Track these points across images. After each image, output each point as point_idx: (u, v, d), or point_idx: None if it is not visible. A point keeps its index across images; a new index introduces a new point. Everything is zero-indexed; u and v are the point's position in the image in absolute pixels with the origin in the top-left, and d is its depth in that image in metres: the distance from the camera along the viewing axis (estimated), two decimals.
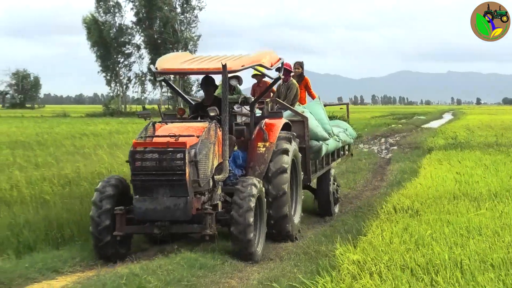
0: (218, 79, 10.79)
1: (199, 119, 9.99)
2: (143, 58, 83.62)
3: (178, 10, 72.74)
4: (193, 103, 11.33)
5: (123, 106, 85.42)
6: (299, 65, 13.76)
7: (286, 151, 10.01)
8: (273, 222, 9.72)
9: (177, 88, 10.75)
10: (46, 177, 13.60)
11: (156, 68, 9.78)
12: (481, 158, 20.02)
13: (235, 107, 10.65)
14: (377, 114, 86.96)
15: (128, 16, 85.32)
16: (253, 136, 10.19)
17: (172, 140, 8.39)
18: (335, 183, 12.85)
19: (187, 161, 8.17)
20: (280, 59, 10.69)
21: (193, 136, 8.61)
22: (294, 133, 10.73)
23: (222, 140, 9.03)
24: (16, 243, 9.74)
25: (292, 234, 10.10)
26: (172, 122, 9.66)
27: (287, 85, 12.63)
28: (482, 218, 10.04)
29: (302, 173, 11.15)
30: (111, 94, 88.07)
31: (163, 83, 10.48)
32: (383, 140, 36.98)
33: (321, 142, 11.57)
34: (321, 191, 12.52)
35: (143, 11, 74.26)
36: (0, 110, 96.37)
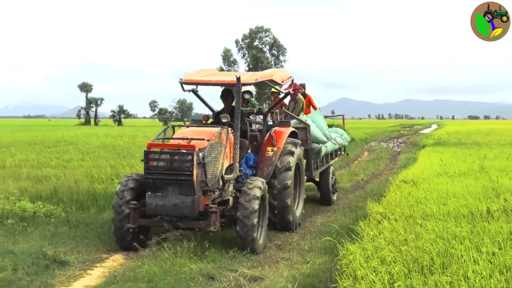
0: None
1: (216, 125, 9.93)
2: None
3: (272, 63, 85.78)
4: (215, 111, 11.45)
5: None
6: (302, 86, 14.58)
7: (291, 153, 10.24)
8: (277, 211, 9.80)
9: (203, 99, 11.11)
10: None
11: (181, 79, 9.94)
12: (455, 151, 25.00)
13: (251, 116, 10.78)
14: (392, 125, 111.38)
15: (241, 68, 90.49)
16: (264, 141, 10.31)
17: (183, 142, 8.41)
18: (334, 177, 13.63)
19: (195, 162, 8.12)
20: (291, 77, 11.01)
21: (203, 139, 8.53)
22: (299, 141, 11.02)
23: (233, 144, 9.16)
24: None
25: (293, 224, 10.18)
26: (189, 127, 9.78)
27: (295, 100, 13.57)
28: (456, 187, 12.69)
29: (305, 177, 11.52)
30: None
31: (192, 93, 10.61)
32: (395, 140, 47.66)
33: (320, 144, 12.28)
34: (322, 184, 13.33)
35: (251, 66, 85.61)
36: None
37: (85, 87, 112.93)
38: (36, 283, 7.43)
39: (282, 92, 11.05)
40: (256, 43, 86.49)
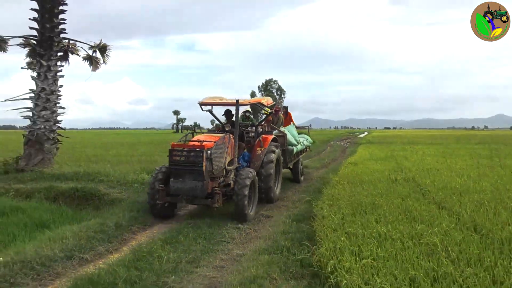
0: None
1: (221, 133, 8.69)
2: None
3: (277, 98, 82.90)
4: (223, 123, 10.17)
5: None
6: (285, 108, 13.53)
7: (273, 151, 9.22)
8: (263, 190, 8.67)
9: (216, 116, 9.99)
10: None
11: (199, 102, 8.90)
12: (377, 146, 25.56)
13: (248, 128, 9.77)
14: (342, 132, 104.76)
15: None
16: (255, 144, 9.21)
17: (197, 143, 7.45)
18: (301, 166, 12.48)
19: (204, 158, 7.15)
20: (274, 102, 10.14)
21: (211, 142, 7.54)
22: (279, 144, 10.00)
23: (233, 145, 8.12)
24: None
25: (274, 199, 9.02)
26: (203, 133, 8.69)
27: (277, 117, 12.25)
28: (378, 166, 12.83)
29: (282, 166, 10.22)
30: None
31: (208, 112, 9.43)
32: (345, 140, 40.77)
33: (293, 146, 11.08)
34: (294, 170, 12.12)
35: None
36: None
37: (176, 112, 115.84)
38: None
39: (266, 111, 9.57)
40: (268, 87, 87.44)
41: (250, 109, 11.59)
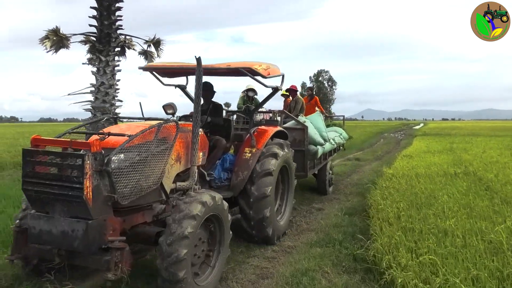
0: (237, 89, 6.47)
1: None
2: None
3: (328, 90, 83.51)
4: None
5: None
6: (310, 89, 10.79)
7: (275, 155, 5.61)
8: (253, 223, 5.38)
9: (190, 94, 6.13)
10: None
11: (141, 67, 5.61)
12: (434, 138, 24.08)
13: (235, 116, 7.18)
14: (396, 124, 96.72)
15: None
16: (244, 141, 5.73)
17: (77, 142, 3.63)
18: (330, 173, 9.33)
19: (88, 170, 3.30)
20: (281, 74, 5.87)
21: (123, 136, 3.78)
22: (288, 142, 6.22)
23: (189, 142, 4.46)
24: None
25: (272, 238, 5.53)
26: (137, 120, 4.90)
27: (295, 100, 9.53)
28: (435, 159, 12.26)
29: (295, 177, 6.44)
30: None
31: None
32: (399, 132, 40.82)
33: (318, 146, 7.83)
34: (320, 178, 8.95)
35: (316, 91, 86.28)
36: None
37: (226, 104, 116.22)
38: None
39: (265, 85, 5.67)
40: (320, 78, 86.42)
41: (254, 88, 8.06)
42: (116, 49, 14.16)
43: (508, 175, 8.92)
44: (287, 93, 10.00)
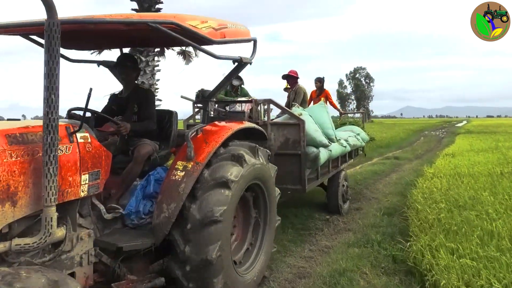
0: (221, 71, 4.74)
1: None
2: None
3: (366, 87, 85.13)
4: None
5: None
6: (319, 80, 8.92)
7: (238, 158, 3.30)
8: (189, 269, 2.98)
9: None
10: None
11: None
12: (478, 136, 22.67)
13: (227, 108, 5.45)
14: (437, 121, 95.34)
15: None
16: (180, 150, 3.37)
17: None
18: (345, 185, 7.03)
19: None
20: (251, 39, 3.80)
21: None
22: (259, 147, 3.79)
23: (43, 163, 2.22)
24: None
25: None
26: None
27: (295, 90, 7.57)
28: (479, 158, 11.76)
29: (275, 204, 4.10)
30: None
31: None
32: (440, 130, 40.55)
33: (319, 148, 5.64)
34: (330, 191, 6.80)
35: (353, 88, 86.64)
36: None
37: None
38: None
39: (218, 58, 3.38)
40: (357, 75, 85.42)
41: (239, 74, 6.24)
42: (156, 50, 14.55)
43: None
44: (288, 86, 7.69)
